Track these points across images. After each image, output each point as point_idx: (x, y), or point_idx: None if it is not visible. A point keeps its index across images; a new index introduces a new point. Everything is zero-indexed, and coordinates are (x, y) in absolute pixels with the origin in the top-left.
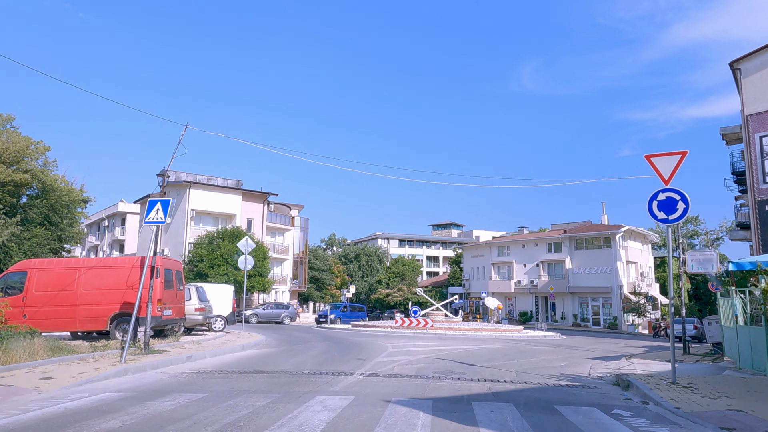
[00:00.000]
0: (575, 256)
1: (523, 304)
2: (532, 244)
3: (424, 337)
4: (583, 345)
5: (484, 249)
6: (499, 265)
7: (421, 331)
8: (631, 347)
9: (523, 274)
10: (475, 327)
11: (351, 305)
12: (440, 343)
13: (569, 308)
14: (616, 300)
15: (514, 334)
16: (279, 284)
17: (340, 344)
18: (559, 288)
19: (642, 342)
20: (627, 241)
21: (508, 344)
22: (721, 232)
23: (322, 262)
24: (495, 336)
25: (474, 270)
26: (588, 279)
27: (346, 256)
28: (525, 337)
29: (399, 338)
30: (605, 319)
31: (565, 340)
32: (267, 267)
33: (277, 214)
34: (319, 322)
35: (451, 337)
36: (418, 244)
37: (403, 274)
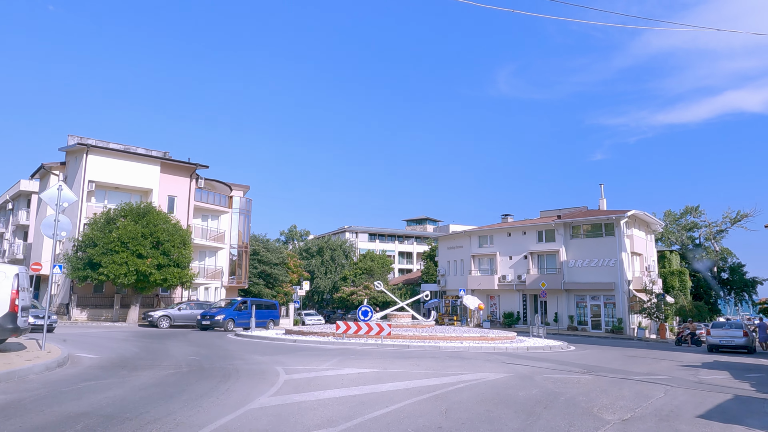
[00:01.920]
0: (571, 247)
1: (509, 303)
2: (519, 232)
3: (372, 353)
4: (617, 364)
5: (463, 239)
6: (480, 258)
7: (372, 341)
8: (689, 366)
9: (508, 268)
10: (452, 334)
11: (255, 301)
12: (390, 368)
13: (564, 308)
14: (621, 298)
15: (506, 344)
16: (211, 278)
17: (189, 374)
18: (551, 284)
19: (680, 355)
20: (631, 228)
21: (506, 368)
22: (725, 223)
23: (274, 254)
24: (480, 349)
25: (451, 264)
26: (586, 273)
27: (307, 250)
28: (523, 351)
29: (323, 357)
30: (607, 322)
31: (578, 353)
32: (188, 255)
33: (211, 193)
34: (204, 326)
35: (415, 354)
36: (390, 238)
37: (370, 270)
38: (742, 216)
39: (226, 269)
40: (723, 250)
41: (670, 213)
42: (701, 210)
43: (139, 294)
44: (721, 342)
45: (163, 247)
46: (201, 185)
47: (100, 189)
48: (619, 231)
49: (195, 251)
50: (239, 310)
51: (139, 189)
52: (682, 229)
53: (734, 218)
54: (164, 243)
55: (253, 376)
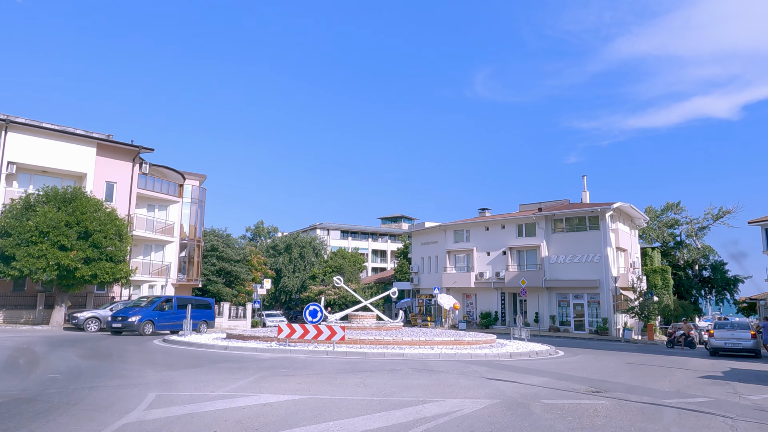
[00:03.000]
0: (553, 241)
1: (486, 302)
2: (497, 226)
3: (312, 366)
4: (625, 377)
5: (438, 234)
6: (456, 254)
7: (324, 348)
8: (711, 377)
9: (486, 265)
10: (421, 338)
11: (183, 300)
12: (323, 391)
13: (545, 307)
14: (606, 297)
15: (485, 350)
16: (157, 275)
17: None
18: (532, 281)
19: (685, 360)
20: (616, 222)
21: (489, 388)
22: (707, 220)
23: (235, 251)
24: (454, 357)
25: (425, 261)
26: (569, 270)
27: (274, 247)
28: (506, 358)
29: (241, 374)
30: (591, 322)
31: (570, 361)
32: (124, 249)
33: (158, 180)
34: (115, 329)
35: (370, 366)
36: (363, 236)
37: (341, 268)
38: (724, 212)
39: (175, 265)
40: (705, 247)
41: (651, 209)
42: (682, 206)
43: (65, 293)
44: (726, 345)
45: (92, 239)
46: (146, 171)
47: (24, 172)
48: (604, 224)
49: (138, 245)
50: (161, 310)
51: (72, 173)
52: (663, 225)
53: (716, 215)
54: (94, 234)
55: (83, 414)
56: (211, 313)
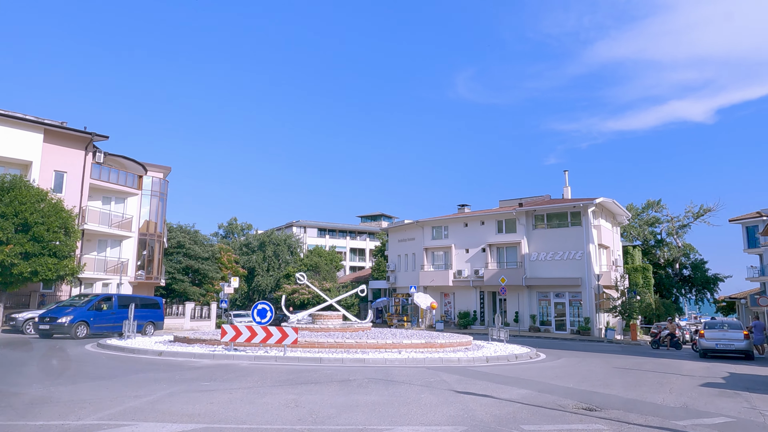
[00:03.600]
0: (533, 238)
1: (465, 301)
2: (476, 222)
3: (251, 375)
4: (618, 387)
5: (415, 230)
6: (434, 252)
7: (274, 354)
8: (715, 386)
9: (464, 263)
10: (388, 340)
11: (123, 297)
12: (233, 418)
13: (525, 306)
14: (588, 295)
15: (459, 353)
16: (113, 273)
17: None
18: (512, 280)
19: (677, 364)
20: (599, 219)
21: (456, 406)
22: (687, 218)
23: (203, 248)
24: (422, 363)
25: (402, 259)
26: (550, 268)
27: (248, 245)
28: (482, 363)
29: (152, 387)
30: (573, 321)
31: (553, 365)
32: (71, 243)
33: (114, 171)
34: (43, 332)
35: (318, 376)
36: (341, 234)
37: (316, 266)
38: (705, 210)
39: (133, 262)
40: (685, 245)
41: (632, 207)
42: (663, 204)
43: (2, 291)
44: (718, 346)
45: (33, 232)
46: (100, 160)
47: None
48: (586, 220)
49: (92, 240)
50: (97, 310)
51: (15, 161)
52: (644, 224)
53: (697, 213)
54: (35, 226)
55: None
56: (159, 313)
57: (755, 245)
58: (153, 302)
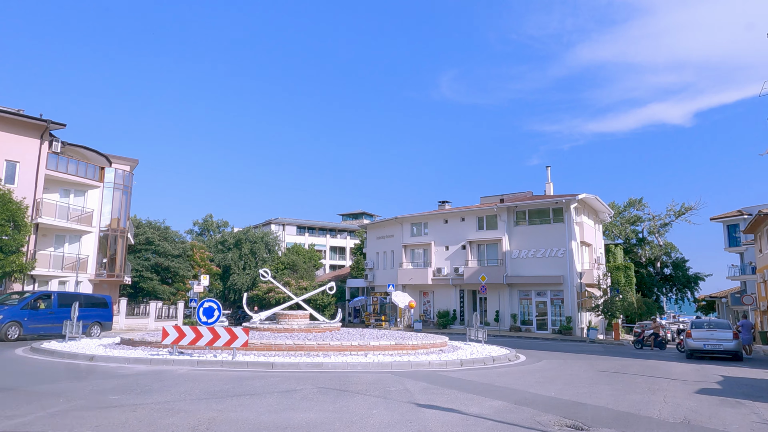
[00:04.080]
0: (515, 235)
1: (444, 300)
2: (456, 219)
3: (177, 387)
4: (605, 396)
5: (394, 227)
6: (413, 249)
7: (221, 358)
8: (713, 393)
9: (444, 260)
10: (355, 342)
11: (64, 296)
12: None
13: (506, 305)
14: (570, 294)
15: (432, 356)
16: (70, 270)
17: None
18: (492, 278)
19: (666, 366)
20: (581, 215)
21: (413, 426)
22: (669, 216)
23: (174, 245)
24: (388, 368)
25: (380, 256)
26: (532, 265)
27: (223, 242)
28: (455, 368)
29: (30, 408)
30: (554, 321)
31: (533, 369)
32: (20, 238)
33: (73, 162)
34: None
35: (255, 388)
36: (321, 232)
37: (294, 265)
38: (686, 209)
39: (94, 259)
40: (667, 244)
41: (614, 205)
42: (645, 203)
43: None
44: (706, 346)
45: None
46: (58, 150)
47: None
48: (569, 217)
49: (48, 235)
50: (33, 309)
51: None
52: (626, 222)
53: (678, 211)
54: None
55: None
56: (107, 312)
57: (736, 244)
58: (100, 301)
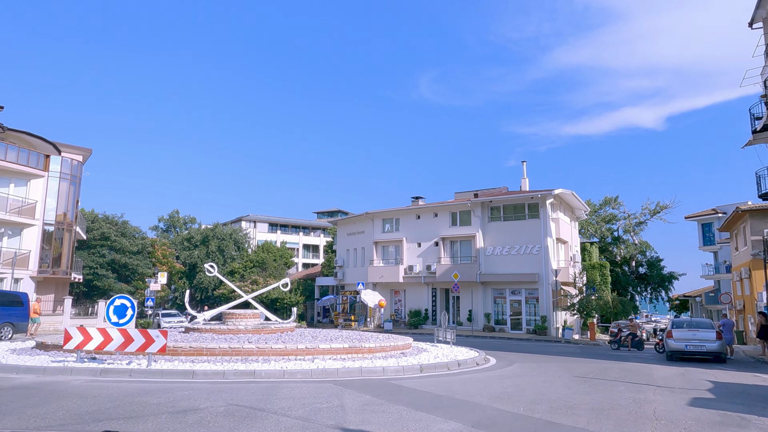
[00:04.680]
0: (489, 231)
1: (416, 299)
2: (429, 214)
3: (42, 406)
4: (585, 410)
5: (365, 223)
6: (384, 246)
7: (134, 366)
8: (705, 404)
9: (416, 258)
10: (302, 345)
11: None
12: None
13: (479, 304)
14: (546, 292)
15: (390, 361)
16: (9, 266)
17: None
18: (466, 275)
19: (646, 370)
20: (557, 212)
21: None
22: (644, 215)
23: (132, 240)
24: (330, 378)
25: (350, 253)
26: (506, 263)
27: (190, 239)
28: (413, 376)
29: None
30: (529, 320)
31: (502, 375)
32: None
33: (13, 148)
34: None
35: (145, 408)
36: (294, 229)
37: (263, 262)
38: (661, 207)
39: (37, 254)
40: (642, 243)
41: (590, 203)
42: (620, 201)
43: None
44: (688, 347)
45: None
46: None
47: None
48: (545, 213)
49: None
50: None
51: None
52: (601, 221)
53: (653, 210)
54: None
55: None
56: (22, 312)
57: (710, 243)
58: (14, 299)
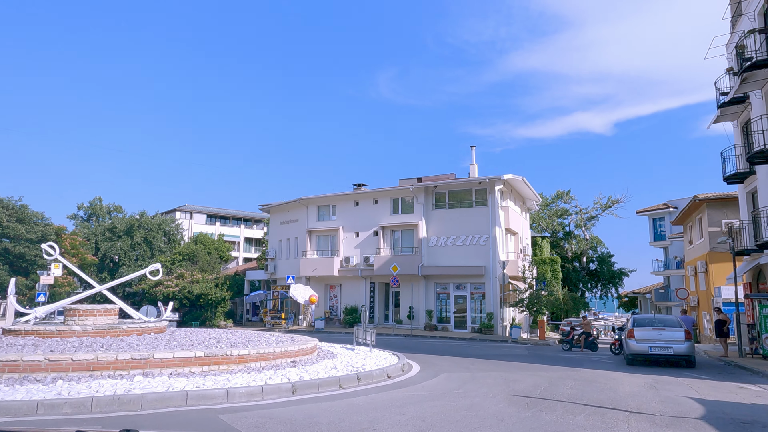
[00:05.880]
0: (433, 220)
1: (353, 294)
2: (369, 201)
3: None
4: None
5: (299, 210)
6: (320, 235)
7: None
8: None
9: (353, 248)
10: (128, 357)
11: None
12: None
13: (421, 300)
14: (493, 287)
15: (256, 379)
16: None
17: None
18: (407, 268)
19: (607, 378)
20: (507, 200)
21: None
22: (596, 209)
23: (30, 227)
24: (129, 412)
25: (283, 244)
26: (451, 254)
27: (112, 229)
28: (275, 402)
29: None
30: (474, 318)
31: (412, 392)
32: None
33: None
34: None
35: None
36: (235, 222)
37: (194, 255)
38: (613, 202)
39: None
40: (593, 238)
41: (542, 196)
42: (572, 195)
43: None
44: (653, 350)
45: None
46: None
47: None
48: (493, 200)
49: None
50: None
51: None
52: (553, 215)
53: (605, 204)
54: None
55: None
56: None
57: (661, 238)
58: None
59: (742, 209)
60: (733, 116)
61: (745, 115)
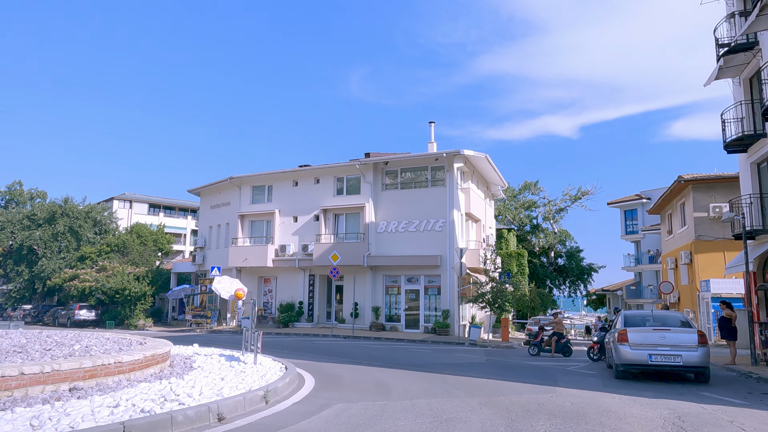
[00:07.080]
0: (382, 202)
1: (290, 288)
2: (310, 180)
3: None
4: None
5: (231, 192)
6: (253, 220)
7: None
8: None
9: (291, 235)
10: None
11: None
12: None
13: (367, 295)
14: (450, 280)
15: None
16: None
17: None
18: (351, 258)
19: (586, 401)
20: (468, 182)
21: None
22: (565, 201)
23: None
24: None
25: (213, 231)
26: (403, 242)
27: (31, 217)
28: None
29: None
30: (428, 316)
31: None
32: None
33: None
34: None
35: None
36: (181, 212)
37: (125, 246)
38: (583, 193)
39: None
40: (561, 232)
41: (509, 188)
42: (540, 187)
43: None
44: (654, 360)
45: None
46: None
47: None
48: (452, 179)
49: None
50: None
51: None
52: (520, 207)
53: (575, 196)
54: None
55: None
56: None
57: (633, 231)
58: None
59: (744, 183)
60: (736, 70)
61: (751, 68)
